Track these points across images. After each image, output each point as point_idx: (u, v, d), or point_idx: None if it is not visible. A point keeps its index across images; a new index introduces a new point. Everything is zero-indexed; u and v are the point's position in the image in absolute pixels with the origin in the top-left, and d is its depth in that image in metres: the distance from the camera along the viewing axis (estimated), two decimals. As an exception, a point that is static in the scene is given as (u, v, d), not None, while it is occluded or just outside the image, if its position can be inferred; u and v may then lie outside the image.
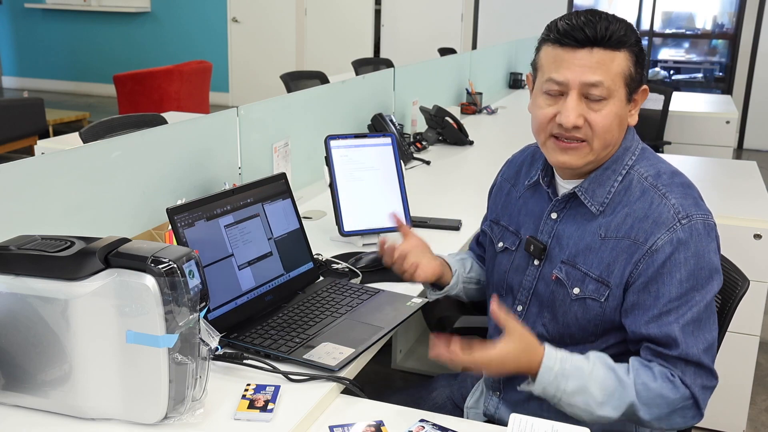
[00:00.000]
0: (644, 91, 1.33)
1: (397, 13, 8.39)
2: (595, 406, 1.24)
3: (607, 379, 1.25)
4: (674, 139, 4.49)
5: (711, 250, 1.27)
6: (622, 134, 1.34)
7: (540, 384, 1.25)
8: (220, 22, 9.05)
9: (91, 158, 1.68)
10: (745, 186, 2.82)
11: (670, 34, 8.43)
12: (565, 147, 1.31)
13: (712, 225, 1.29)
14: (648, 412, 1.24)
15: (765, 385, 2.83)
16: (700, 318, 1.25)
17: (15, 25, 9.98)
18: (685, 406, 1.25)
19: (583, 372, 1.25)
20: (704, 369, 1.26)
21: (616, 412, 1.24)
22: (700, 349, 1.25)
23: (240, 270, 1.51)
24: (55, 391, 1.13)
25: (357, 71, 4.73)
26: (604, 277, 1.30)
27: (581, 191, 1.34)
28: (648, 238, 1.26)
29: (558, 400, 1.26)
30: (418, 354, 2.88)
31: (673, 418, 1.26)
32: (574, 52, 1.26)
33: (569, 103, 1.27)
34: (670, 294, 1.25)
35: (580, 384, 1.24)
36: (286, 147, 2.30)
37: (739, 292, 1.44)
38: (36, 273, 1.11)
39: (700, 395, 1.25)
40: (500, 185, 1.58)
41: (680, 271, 1.24)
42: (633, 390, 1.24)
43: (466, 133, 3.36)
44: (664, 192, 1.29)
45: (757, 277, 2.33)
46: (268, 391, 1.22)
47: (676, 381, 1.24)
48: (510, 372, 1.26)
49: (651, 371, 1.25)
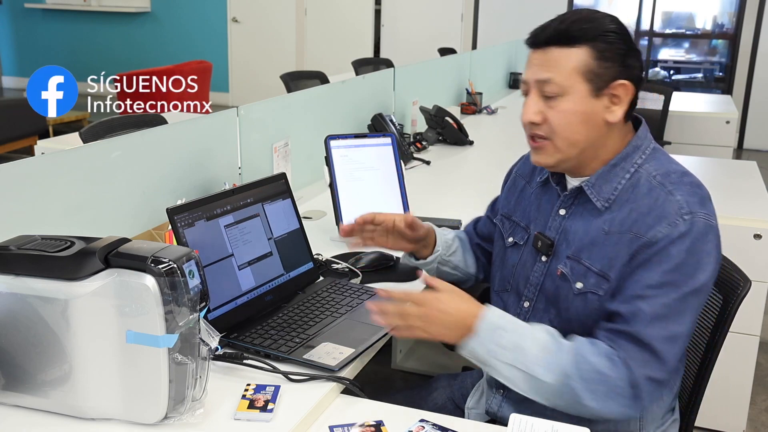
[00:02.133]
0: (622, 86, 1.30)
1: (397, 13, 8.39)
2: (530, 364, 1.23)
3: (546, 341, 1.25)
4: (674, 139, 4.49)
5: (705, 251, 1.25)
6: (594, 132, 1.32)
7: (478, 336, 1.24)
8: (220, 22, 9.05)
9: (91, 158, 1.68)
10: (745, 186, 2.81)
11: (670, 34, 8.43)
12: (534, 146, 1.36)
13: (714, 227, 1.27)
14: (585, 388, 1.21)
15: (765, 385, 2.83)
16: (672, 307, 1.23)
17: (15, 25, 9.98)
18: (623, 393, 1.21)
19: (523, 329, 1.26)
20: (656, 358, 1.22)
21: (550, 375, 1.22)
22: (659, 336, 1.22)
23: (240, 270, 1.51)
24: (55, 391, 1.13)
25: (357, 71, 4.73)
26: (605, 271, 1.30)
27: (588, 186, 1.35)
28: (649, 230, 1.26)
29: (493, 357, 1.24)
30: (418, 354, 2.88)
31: (609, 402, 1.22)
32: (534, 52, 1.33)
33: (527, 101, 1.33)
34: (651, 281, 1.24)
35: (517, 339, 1.24)
36: (286, 147, 2.30)
37: (740, 292, 1.43)
38: (36, 273, 1.11)
39: (644, 384, 1.21)
40: (514, 180, 1.58)
41: (668, 262, 1.24)
42: (571, 357, 1.22)
43: (466, 133, 3.36)
44: (671, 189, 1.28)
45: (757, 277, 2.32)
46: (268, 391, 1.22)
47: (617, 361, 1.21)
48: (449, 322, 1.26)
49: (596, 347, 1.24)
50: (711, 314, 1.50)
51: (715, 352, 1.45)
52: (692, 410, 1.48)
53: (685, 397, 1.52)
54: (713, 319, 1.49)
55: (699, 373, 1.48)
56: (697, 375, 1.48)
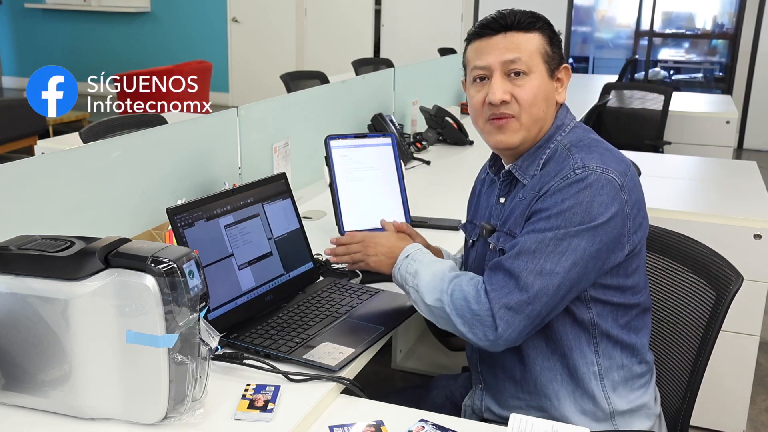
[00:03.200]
0: (566, 69, 1.44)
1: (397, 13, 8.38)
2: (421, 287, 1.39)
3: (438, 270, 1.41)
4: (674, 139, 4.49)
5: (596, 200, 1.29)
6: (550, 110, 1.42)
7: (396, 264, 1.48)
8: (220, 22, 9.05)
9: (91, 158, 1.68)
10: (745, 186, 2.81)
11: (670, 34, 8.43)
12: (498, 125, 1.41)
13: (611, 180, 1.30)
14: (454, 313, 1.32)
15: (765, 385, 2.83)
16: (546, 244, 1.29)
17: (15, 25, 9.98)
18: (484, 321, 1.29)
19: (428, 259, 1.45)
20: (519, 288, 1.28)
21: (431, 297, 1.37)
22: (528, 268, 1.28)
23: (240, 270, 1.51)
24: (55, 391, 1.13)
25: (357, 71, 4.73)
26: (512, 228, 1.38)
27: (515, 168, 1.43)
28: (544, 185, 1.34)
29: (404, 282, 1.44)
30: (418, 354, 2.88)
31: (474, 328, 1.30)
32: (491, 38, 1.40)
33: (494, 82, 1.39)
34: (535, 226, 1.31)
35: (418, 267, 1.43)
36: (286, 147, 2.30)
37: (732, 288, 1.43)
38: (36, 273, 1.11)
39: (499, 313, 1.28)
40: (474, 187, 1.66)
41: (555, 207, 1.30)
42: (448, 284, 1.35)
43: (466, 133, 3.36)
44: (574, 152, 1.36)
45: (756, 277, 2.33)
46: (268, 391, 1.22)
47: (480, 291, 1.31)
48: (381, 252, 1.54)
49: (470, 278, 1.36)
50: (703, 311, 1.50)
51: (708, 349, 1.45)
52: (687, 407, 1.47)
53: (679, 394, 1.52)
54: (706, 316, 1.49)
55: (693, 369, 1.48)
56: (692, 372, 1.48)
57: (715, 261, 1.50)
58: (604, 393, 1.38)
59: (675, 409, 1.52)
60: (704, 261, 1.54)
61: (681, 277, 1.60)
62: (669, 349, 1.60)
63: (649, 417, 1.43)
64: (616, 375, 1.39)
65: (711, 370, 1.47)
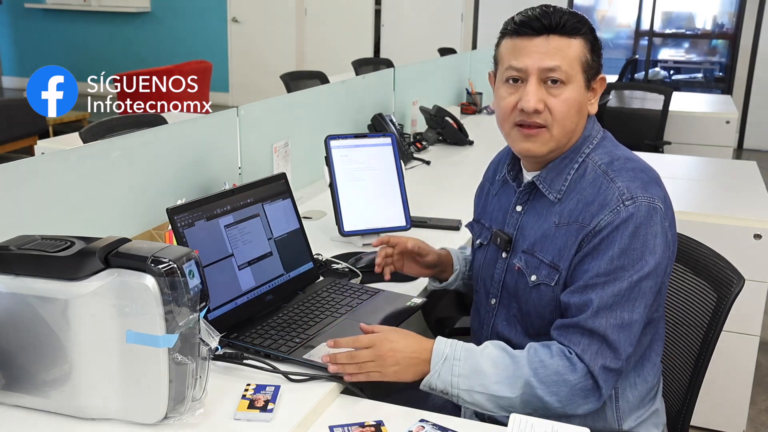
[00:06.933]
0: (602, 80, 1.37)
1: (397, 13, 8.38)
2: (490, 386, 1.25)
3: (499, 357, 1.27)
4: (674, 139, 4.49)
5: (651, 233, 1.26)
6: (581, 122, 1.36)
7: (435, 370, 1.27)
8: (220, 22, 9.04)
9: (91, 158, 1.68)
10: (745, 186, 2.81)
11: (670, 34, 8.43)
12: (528, 134, 1.34)
13: (658, 208, 1.28)
14: (548, 392, 1.23)
15: (765, 385, 2.83)
16: (621, 295, 1.25)
17: (15, 25, 9.98)
18: (585, 387, 1.24)
19: (474, 353, 1.28)
20: (609, 348, 1.24)
21: (514, 390, 1.24)
22: (610, 324, 1.24)
23: (240, 270, 1.51)
24: (55, 391, 1.13)
25: (357, 71, 4.73)
26: (555, 262, 1.32)
27: (539, 180, 1.38)
28: (593, 219, 1.28)
29: (455, 387, 1.26)
30: (418, 354, 2.88)
31: (575, 400, 1.24)
32: (531, 40, 1.32)
33: (529, 88, 1.31)
34: (599, 269, 1.26)
35: (472, 364, 1.26)
36: (286, 147, 2.30)
37: (734, 289, 1.43)
38: (36, 273, 1.11)
39: (600, 375, 1.23)
40: (482, 185, 1.62)
41: (614, 248, 1.25)
42: (528, 367, 1.24)
43: (466, 133, 3.36)
44: (613, 177, 1.31)
45: (756, 277, 2.33)
46: (268, 391, 1.22)
47: (573, 358, 1.24)
48: (401, 359, 1.27)
49: (548, 349, 1.26)
50: (705, 312, 1.50)
51: (709, 351, 1.45)
52: (688, 409, 1.48)
53: (680, 395, 1.52)
54: (707, 317, 1.49)
55: (694, 371, 1.48)
56: (692, 374, 1.48)
57: (717, 263, 1.50)
58: (617, 416, 1.37)
59: (675, 410, 1.52)
60: (706, 262, 1.54)
61: (682, 278, 1.60)
62: (670, 350, 1.60)
63: (657, 426, 1.43)
64: (630, 395, 1.38)
65: (711, 370, 1.47)
